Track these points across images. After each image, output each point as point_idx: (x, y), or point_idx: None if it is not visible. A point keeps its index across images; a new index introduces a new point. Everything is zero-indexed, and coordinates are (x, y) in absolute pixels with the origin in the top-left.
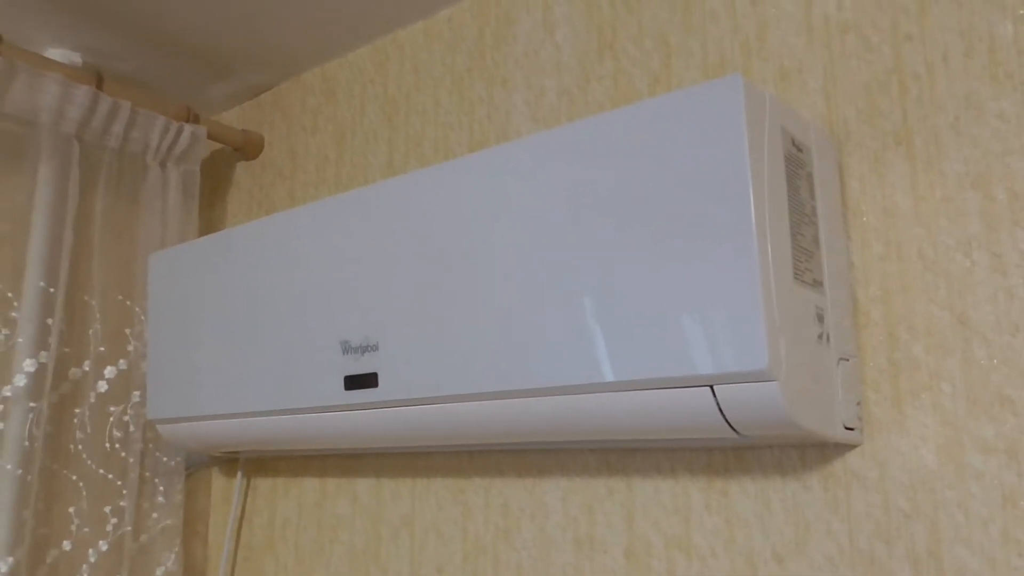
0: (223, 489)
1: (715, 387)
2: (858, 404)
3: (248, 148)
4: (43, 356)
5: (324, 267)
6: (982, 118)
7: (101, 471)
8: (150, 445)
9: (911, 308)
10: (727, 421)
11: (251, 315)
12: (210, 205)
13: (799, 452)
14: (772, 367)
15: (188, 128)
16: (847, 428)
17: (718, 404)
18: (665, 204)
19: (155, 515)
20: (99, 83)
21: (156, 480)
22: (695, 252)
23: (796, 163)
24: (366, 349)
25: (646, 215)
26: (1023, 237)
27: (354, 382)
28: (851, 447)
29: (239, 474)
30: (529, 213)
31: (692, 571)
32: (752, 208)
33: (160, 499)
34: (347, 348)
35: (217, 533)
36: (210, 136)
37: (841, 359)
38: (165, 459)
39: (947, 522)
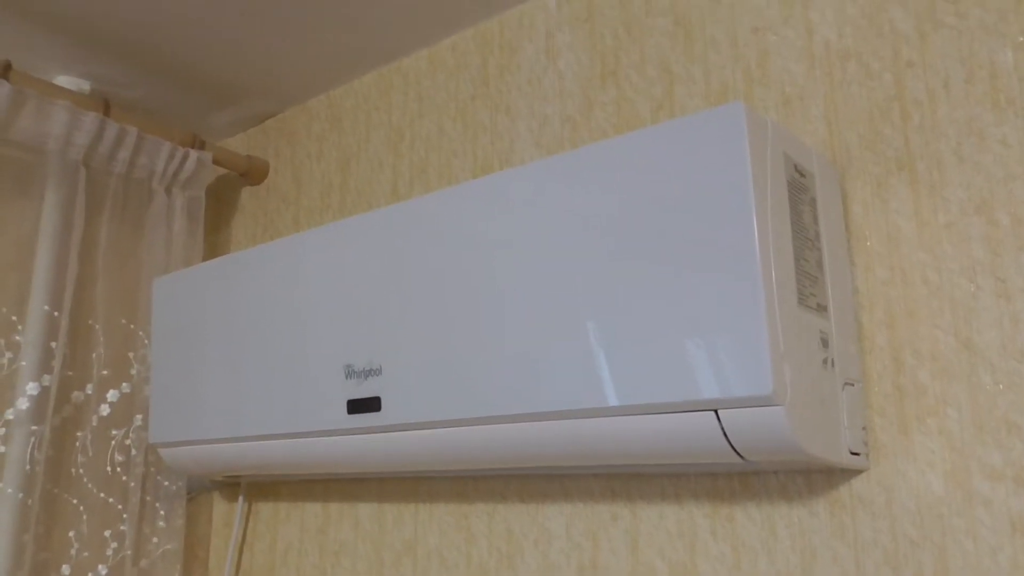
0: (225, 514)
1: (719, 412)
2: (864, 429)
3: (253, 174)
4: (46, 379)
5: (327, 291)
6: (984, 144)
7: (102, 495)
8: (152, 469)
9: (916, 333)
10: (732, 446)
11: (254, 339)
12: (215, 230)
13: (805, 477)
14: (777, 392)
15: (194, 154)
16: (853, 453)
17: (723, 429)
18: (669, 230)
19: (155, 539)
20: (106, 110)
21: (157, 504)
22: (699, 277)
23: (799, 188)
24: (369, 373)
25: (649, 240)
26: None
27: (357, 406)
28: (857, 472)
29: (241, 498)
30: (532, 238)
31: None
32: (756, 233)
33: (161, 523)
34: (350, 372)
35: (218, 558)
36: (215, 162)
37: (846, 384)
38: (167, 483)
39: (955, 550)
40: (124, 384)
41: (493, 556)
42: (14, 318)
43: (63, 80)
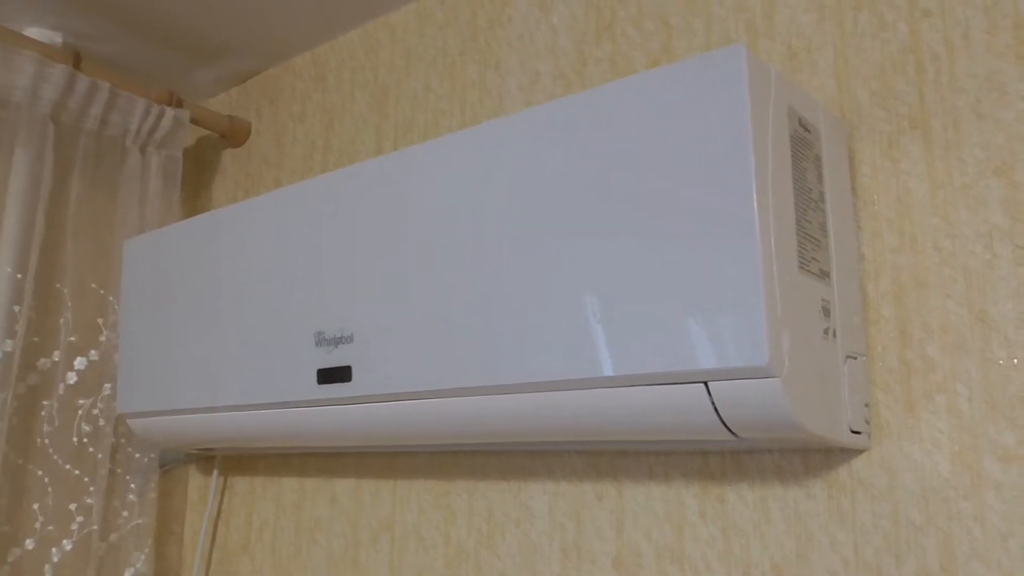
0: (200, 488)
1: (710, 384)
2: (866, 406)
3: (234, 135)
4: (8, 344)
5: (298, 253)
6: (1005, 100)
7: (68, 467)
8: (122, 440)
9: (925, 304)
10: (723, 421)
11: (225, 304)
12: (195, 193)
13: (802, 457)
14: (773, 362)
15: (170, 112)
16: (853, 432)
17: (713, 402)
18: (661, 183)
19: (125, 513)
20: (77, 63)
21: (128, 477)
22: (692, 236)
23: (803, 144)
24: (340, 341)
25: (640, 196)
26: None
27: (327, 375)
28: (858, 452)
29: (215, 473)
30: (514, 195)
31: None
32: (754, 190)
33: (132, 497)
34: (320, 340)
35: (193, 533)
36: (195, 121)
37: (848, 357)
38: (138, 455)
39: (962, 536)
40: (92, 351)
41: (472, 536)
42: None
43: (33, 32)
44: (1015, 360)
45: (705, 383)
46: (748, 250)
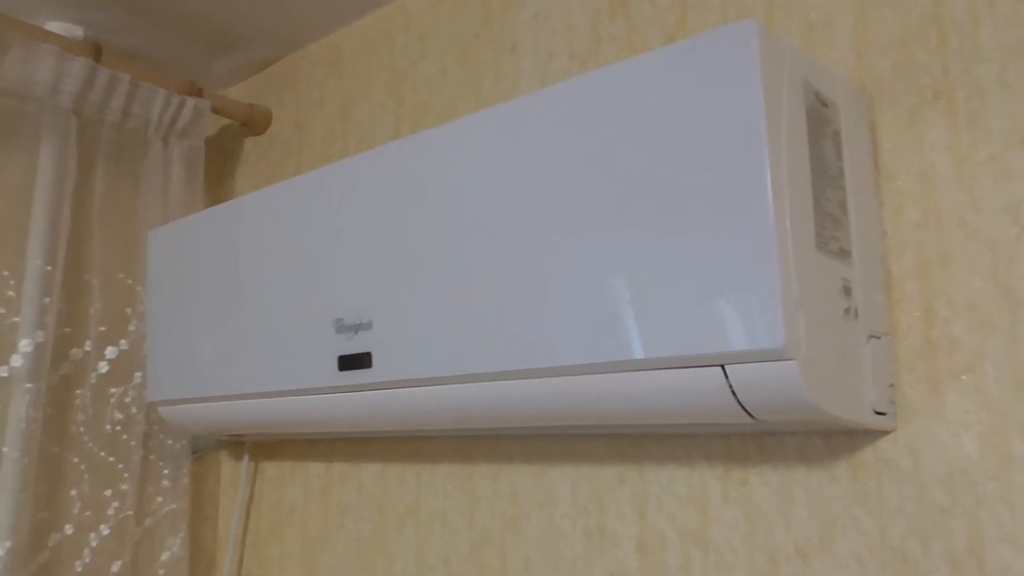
0: (232, 473)
1: (727, 367)
2: (890, 386)
3: (255, 123)
4: (40, 336)
5: (316, 240)
6: None
7: (102, 454)
8: (154, 428)
9: (951, 281)
10: (741, 404)
11: (248, 291)
12: (218, 182)
13: (825, 439)
14: (789, 345)
15: (191, 101)
16: (877, 413)
17: (730, 386)
18: (673, 164)
19: (160, 499)
20: (97, 55)
21: (161, 463)
22: (707, 217)
23: (821, 119)
24: (360, 327)
25: (653, 177)
26: None
27: (347, 362)
28: (883, 434)
29: (246, 458)
30: (529, 179)
31: (709, 567)
32: (768, 168)
33: (165, 483)
34: (340, 327)
35: (227, 517)
36: (216, 110)
37: (871, 337)
38: (170, 442)
39: (990, 518)
40: (122, 341)
41: (497, 520)
42: (5, 273)
43: (54, 26)
44: None
45: (722, 366)
46: (762, 230)
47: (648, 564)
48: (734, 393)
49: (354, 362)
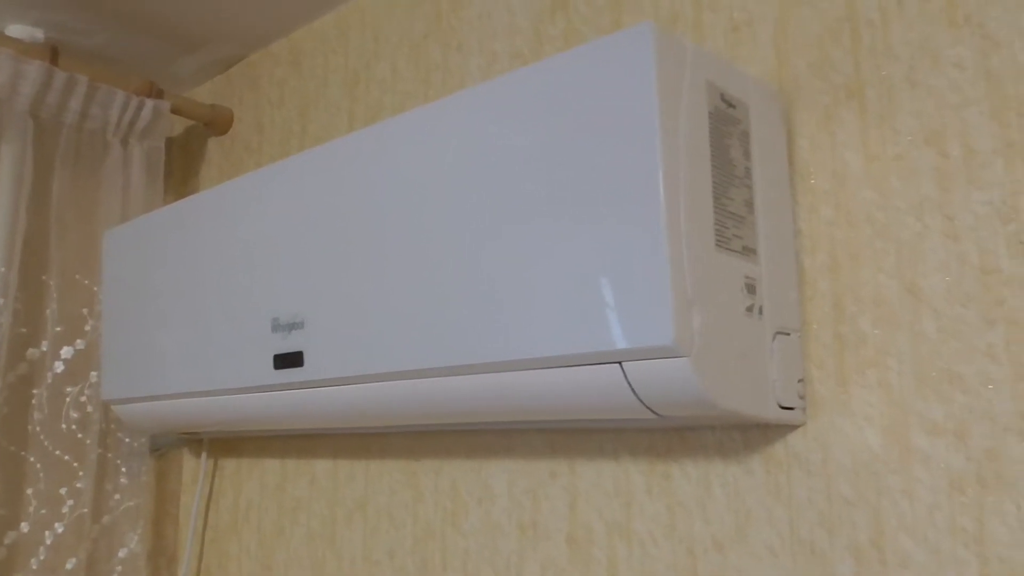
0: (193, 470)
1: (624, 364)
2: (800, 381)
3: (217, 123)
4: None
5: (255, 240)
6: (937, 67)
7: (58, 452)
8: (112, 426)
9: (859, 277)
10: (641, 400)
11: (194, 291)
12: (183, 182)
13: (742, 433)
14: (680, 342)
15: (150, 103)
16: (785, 408)
17: (628, 382)
18: (576, 165)
19: (117, 496)
20: (54, 58)
21: (119, 461)
22: (604, 218)
23: (725, 120)
24: (293, 327)
25: (557, 179)
26: (977, 198)
27: (282, 361)
28: (794, 428)
29: (204, 455)
30: (442, 180)
31: (633, 560)
32: (660, 168)
33: (123, 480)
34: (276, 325)
35: (188, 514)
36: (176, 111)
37: (779, 333)
38: (127, 440)
39: (891, 510)
40: (79, 341)
41: (439, 514)
42: None
43: (15, 29)
44: (944, 333)
45: (620, 363)
46: (654, 229)
47: (577, 557)
48: (633, 390)
49: (287, 360)
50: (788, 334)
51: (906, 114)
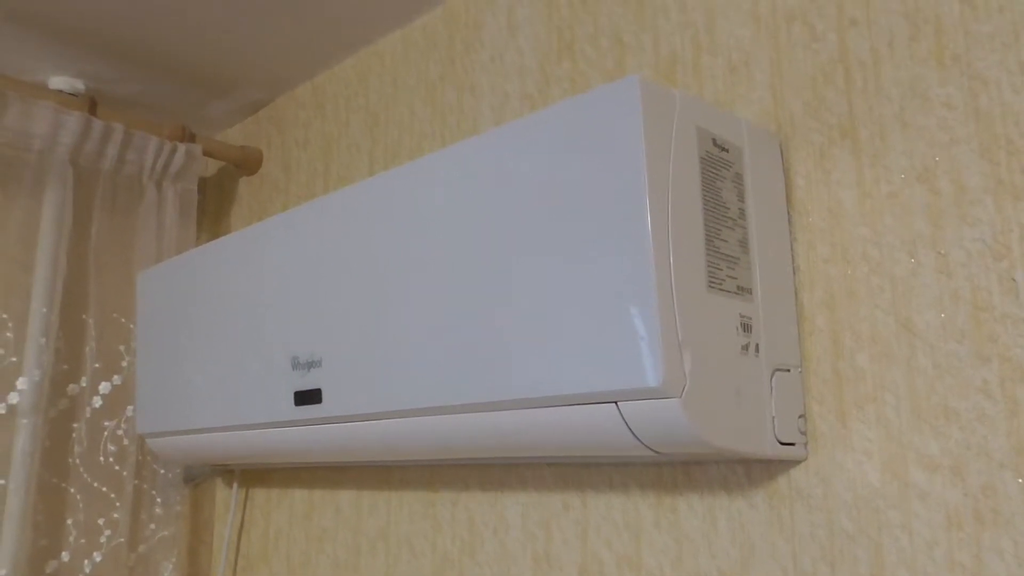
0: (226, 499)
1: (620, 404)
2: (801, 417)
3: (247, 164)
4: (36, 375)
5: (277, 282)
6: (927, 106)
7: (96, 484)
8: (147, 458)
9: (856, 314)
10: (638, 439)
11: (221, 330)
12: (216, 221)
13: (745, 468)
14: (668, 383)
15: (182, 147)
16: (785, 444)
17: (625, 422)
18: (571, 213)
19: (153, 526)
20: (92, 108)
21: (154, 492)
22: (596, 263)
23: (717, 164)
24: (311, 365)
25: (551, 226)
26: (968, 234)
27: (302, 398)
28: (796, 463)
29: (235, 485)
30: (445, 227)
31: None
32: (648, 215)
33: (158, 510)
34: (296, 364)
35: (221, 543)
36: (208, 154)
37: (778, 370)
38: (163, 471)
39: (891, 545)
40: (115, 376)
41: (456, 545)
42: (4, 315)
43: (57, 81)
44: (939, 368)
45: (616, 403)
46: (643, 273)
47: None
48: (630, 429)
49: (306, 398)
50: (788, 370)
51: (898, 153)
